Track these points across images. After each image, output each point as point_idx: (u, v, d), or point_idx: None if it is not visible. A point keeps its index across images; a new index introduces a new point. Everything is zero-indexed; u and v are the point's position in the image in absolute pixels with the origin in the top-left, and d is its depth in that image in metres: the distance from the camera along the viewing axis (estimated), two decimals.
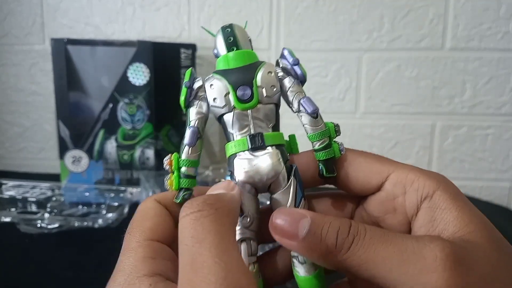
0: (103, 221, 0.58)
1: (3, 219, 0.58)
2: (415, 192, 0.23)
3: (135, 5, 0.78)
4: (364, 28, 0.75)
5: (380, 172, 0.24)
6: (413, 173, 0.23)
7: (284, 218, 0.22)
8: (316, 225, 0.21)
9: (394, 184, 0.24)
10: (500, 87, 0.76)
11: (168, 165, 0.25)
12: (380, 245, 0.19)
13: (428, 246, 0.19)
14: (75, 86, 0.67)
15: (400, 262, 0.19)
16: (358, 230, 0.20)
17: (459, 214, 0.21)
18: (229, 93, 0.24)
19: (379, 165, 0.24)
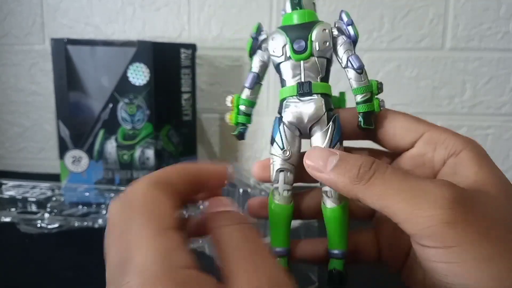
0: (103, 221, 0.58)
1: (3, 219, 0.58)
2: (444, 149, 0.26)
3: (135, 5, 0.78)
4: (364, 28, 0.75)
5: (416, 130, 0.27)
6: (445, 134, 0.26)
7: (317, 153, 0.25)
8: (343, 160, 0.24)
9: (427, 141, 0.26)
10: (500, 87, 0.76)
11: (230, 103, 0.29)
12: (397, 180, 0.22)
13: (439, 187, 0.21)
14: (75, 86, 0.67)
15: (412, 195, 0.21)
16: (380, 166, 0.23)
17: (479, 170, 0.24)
18: (287, 45, 0.28)
19: (416, 124, 0.27)
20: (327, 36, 0.28)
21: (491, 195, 0.23)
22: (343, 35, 0.28)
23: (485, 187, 0.23)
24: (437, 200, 0.20)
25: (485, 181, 0.23)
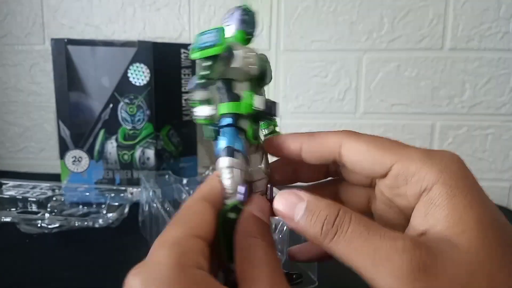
0: (103, 221, 0.58)
1: (3, 219, 0.58)
2: (415, 183, 0.24)
3: (136, 5, 0.78)
4: (364, 28, 0.75)
5: (382, 162, 0.25)
6: (414, 165, 0.24)
7: (285, 199, 0.24)
8: (308, 211, 0.23)
9: (396, 175, 0.25)
10: (500, 87, 0.76)
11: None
12: (358, 242, 0.21)
13: (398, 253, 0.20)
14: (76, 86, 0.67)
15: (373, 262, 0.21)
16: (342, 222, 0.22)
17: (450, 213, 0.22)
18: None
19: (381, 155, 0.25)
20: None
21: (463, 249, 0.21)
22: None
23: (457, 236, 0.21)
24: (397, 268, 0.20)
25: (458, 228, 0.21)
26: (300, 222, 0.23)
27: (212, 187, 0.26)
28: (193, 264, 0.20)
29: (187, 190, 0.61)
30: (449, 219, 0.22)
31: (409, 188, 0.24)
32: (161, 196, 0.53)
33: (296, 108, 0.77)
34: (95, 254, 0.52)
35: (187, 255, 0.21)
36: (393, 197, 0.26)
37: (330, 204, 0.23)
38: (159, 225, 0.49)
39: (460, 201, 0.22)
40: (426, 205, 0.23)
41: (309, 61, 0.77)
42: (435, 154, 0.24)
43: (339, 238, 0.22)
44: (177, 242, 0.22)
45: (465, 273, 0.20)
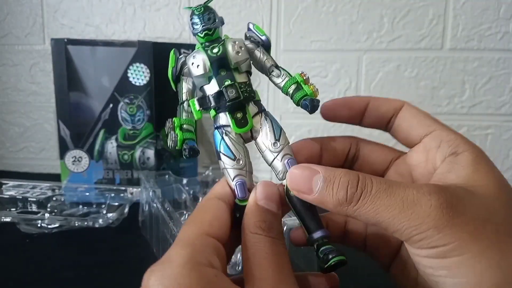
0: (103, 221, 0.58)
1: (3, 219, 0.58)
2: (447, 147, 0.26)
3: (136, 5, 0.78)
4: (364, 28, 0.76)
5: (428, 126, 0.28)
6: (453, 135, 0.27)
7: (299, 175, 0.24)
8: (328, 181, 0.23)
9: (433, 138, 0.27)
10: (500, 87, 0.76)
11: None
12: (385, 197, 0.22)
13: (425, 196, 0.22)
14: (76, 86, 0.67)
15: (401, 209, 0.22)
16: (365, 184, 0.23)
17: (473, 172, 0.24)
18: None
19: (430, 121, 0.29)
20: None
21: (481, 195, 0.23)
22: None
23: (475, 188, 0.23)
24: (425, 209, 0.22)
25: (477, 182, 0.24)
26: (319, 194, 0.23)
27: (223, 185, 0.27)
28: (205, 263, 0.21)
29: (187, 190, 0.61)
30: (470, 176, 0.24)
31: (439, 151, 0.27)
32: (161, 196, 0.53)
33: (296, 108, 0.77)
34: (95, 254, 0.52)
35: (199, 254, 0.21)
36: (417, 164, 0.28)
37: (347, 171, 0.23)
38: (159, 225, 0.49)
39: (483, 167, 0.24)
40: (451, 165, 0.25)
41: (309, 61, 0.77)
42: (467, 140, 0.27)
43: (364, 199, 0.22)
44: (191, 241, 0.22)
45: (485, 211, 0.22)
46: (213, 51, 0.28)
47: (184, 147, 0.28)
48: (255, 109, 0.28)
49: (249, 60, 0.29)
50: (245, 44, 0.29)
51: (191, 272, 0.20)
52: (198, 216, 0.25)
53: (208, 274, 0.20)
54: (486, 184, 0.24)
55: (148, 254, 0.51)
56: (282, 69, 0.30)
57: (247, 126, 0.28)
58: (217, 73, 0.28)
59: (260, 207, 0.25)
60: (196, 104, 0.28)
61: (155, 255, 0.51)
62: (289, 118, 0.77)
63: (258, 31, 0.29)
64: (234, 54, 0.28)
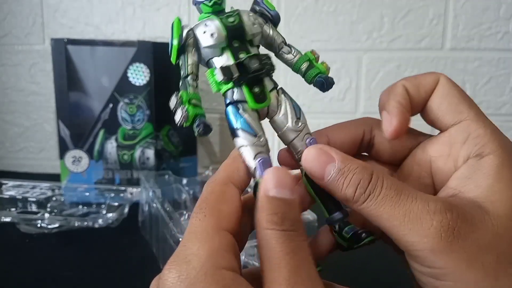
0: (103, 221, 0.58)
1: (3, 219, 0.58)
2: (473, 146, 0.24)
3: (135, 5, 0.78)
4: (364, 28, 0.75)
5: (459, 112, 0.26)
6: (482, 129, 0.24)
7: (314, 157, 0.24)
8: (341, 174, 0.23)
9: (461, 130, 0.25)
10: (500, 87, 0.76)
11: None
12: (390, 205, 0.22)
13: (429, 215, 0.21)
14: (75, 86, 0.67)
15: (402, 222, 0.21)
16: (375, 187, 0.22)
17: (493, 182, 0.23)
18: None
19: (463, 106, 0.26)
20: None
21: (495, 214, 0.22)
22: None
23: (493, 204, 0.22)
24: (424, 229, 0.21)
25: (496, 195, 0.22)
26: (331, 183, 0.23)
27: (237, 168, 0.25)
28: (223, 265, 0.20)
29: (187, 190, 0.61)
30: (490, 188, 0.22)
31: (464, 148, 0.24)
32: (161, 196, 0.53)
33: None
34: (95, 254, 0.52)
35: (218, 254, 0.20)
36: (438, 156, 0.26)
37: (362, 167, 0.23)
38: (159, 225, 0.49)
39: (507, 174, 0.23)
40: (472, 170, 0.24)
41: None
42: (501, 132, 0.25)
43: (370, 202, 0.22)
44: (209, 237, 0.21)
45: (491, 236, 0.21)
46: (229, 20, 0.26)
47: (198, 123, 0.25)
48: (271, 84, 0.27)
49: (261, 34, 0.27)
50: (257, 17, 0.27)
51: (207, 277, 0.19)
52: (215, 205, 0.22)
53: (225, 278, 0.19)
54: (505, 199, 0.22)
55: (148, 254, 0.51)
56: (292, 46, 0.28)
57: (266, 101, 0.26)
58: (230, 45, 0.26)
59: (271, 198, 0.22)
60: (218, 74, 0.25)
61: (155, 255, 0.51)
62: None
63: (267, 5, 0.28)
64: (251, 26, 0.26)
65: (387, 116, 0.27)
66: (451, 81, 0.27)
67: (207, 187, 0.24)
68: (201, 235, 0.21)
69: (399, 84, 0.28)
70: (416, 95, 0.27)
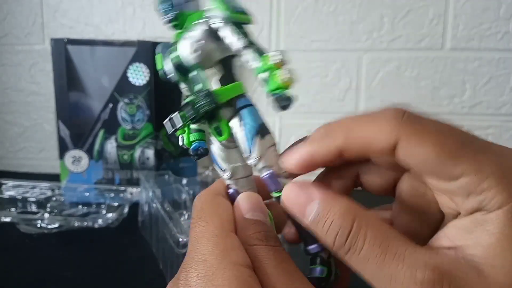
0: (103, 221, 0.58)
1: (3, 219, 0.58)
2: (478, 202, 0.20)
3: (135, 5, 0.78)
4: (364, 28, 0.75)
5: (451, 172, 0.21)
6: (487, 182, 0.20)
7: (294, 197, 0.22)
8: (321, 216, 0.21)
9: (461, 187, 0.21)
10: (500, 87, 0.76)
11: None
12: (374, 263, 0.20)
13: (416, 285, 0.19)
14: (75, 86, 0.67)
15: (386, 287, 0.19)
16: (356, 240, 0.20)
17: (497, 243, 0.20)
18: None
19: (453, 164, 0.20)
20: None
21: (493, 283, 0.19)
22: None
23: (491, 269, 0.19)
24: None
25: (497, 259, 0.19)
26: (311, 224, 0.21)
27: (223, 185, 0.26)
28: (240, 262, 0.20)
29: (186, 190, 0.61)
30: (492, 249, 0.20)
31: (468, 203, 0.21)
32: (161, 196, 0.53)
33: (296, 108, 0.77)
34: (95, 254, 0.52)
35: (233, 252, 0.21)
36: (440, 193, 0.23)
37: (344, 212, 0.21)
38: (159, 225, 0.49)
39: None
40: (475, 225, 0.20)
41: (309, 61, 0.77)
42: (508, 171, 0.20)
43: (352, 255, 0.20)
44: (219, 238, 0.21)
45: None
46: (171, 56, 0.25)
47: (192, 154, 0.25)
48: (229, 112, 0.24)
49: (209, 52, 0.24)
50: (209, 27, 0.24)
51: (226, 271, 0.20)
52: (213, 212, 0.23)
53: (243, 274, 0.20)
54: (507, 266, 0.19)
55: (148, 254, 0.51)
56: (254, 49, 0.23)
57: (223, 136, 0.24)
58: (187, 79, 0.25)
59: (249, 220, 0.23)
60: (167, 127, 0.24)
61: (155, 255, 0.51)
62: (289, 118, 0.77)
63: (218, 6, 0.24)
64: (191, 55, 0.24)
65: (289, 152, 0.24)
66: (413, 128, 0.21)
67: (199, 199, 0.24)
68: (212, 237, 0.21)
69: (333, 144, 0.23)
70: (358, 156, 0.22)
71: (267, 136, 0.24)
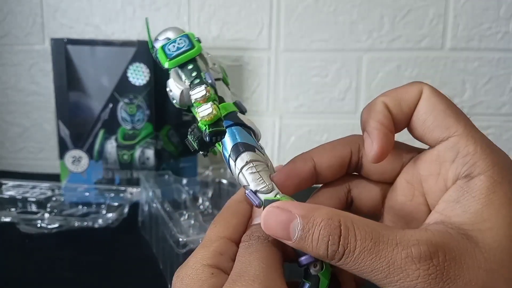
0: (103, 221, 0.58)
1: (3, 219, 0.58)
2: (462, 165, 0.22)
3: (135, 5, 0.78)
4: (364, 28, 0.75)
5: (448, 127, 0.23)
6: (474, 146, 0.22)
7: (274, 219, 0.22)
8: (306, 231, 0.21)
9: (449, 148, 0.23)
10: (500, 87, 0.76)
11: (208, 92, 0.23)
12: (369, 258, 0.20)
13: (414, 264, 0.19)
14: (75, 86, 0.67)
15: (387, 275, 0.20)
16: (348, 241, 0.20)
17: (483, 208, 0.21)
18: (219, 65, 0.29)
19: (452, 121, 0.23)
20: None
21: (486, 245, 0.20)
22: None
23: (482, 232, 0.20)
24: (412, 279, 0.20)
25: (486, 223, 0.20)
26: (299, 242, 0.21)
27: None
28: (211, 263, 0.22)
29: (187, 190, 0.61)
30: (479, 214, 0.21)
31: (453, 167, 0.23)
32: (161, 196, 0.53)
33: (296, 108, 0.77)
34: (95, 254, 0.52)
35: (209, 255, 0.23)
36: (428, 175, 0.24)
37: (328, 219, 0.21)
38: (159, 225, 0.49)
39: (498, 198, 0.21)
40: (461, 192, 0.22)
41: (309, 61, 0.77)
42: (495, 146, 0.23)
43: (347, 258, 0.20)
44: (210, 243, 0.24)
45: (484, 273, 0.20)
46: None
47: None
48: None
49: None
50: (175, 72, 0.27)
51: (188, 269, 0.22)
52: (226, 218, 0.26)
53: (204, 271, 0.22)
54: (496, 228, 0.20)
55: (148, 254, 0.51)
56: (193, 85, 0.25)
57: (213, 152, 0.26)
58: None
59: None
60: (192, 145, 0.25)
61: (155, 255, 0.51)
62: (289, 118, 0.77)
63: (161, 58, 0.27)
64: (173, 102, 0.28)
65: (368, 139, 0.24)
66: (436, 92, 0.25)
67: (226, 203, 0.27)
68: (204, 241, 0.24)
69: (378, 100, 0.26)
70: (398, 111, 0.25)
71: (238, 158, 0.24)
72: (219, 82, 0.27)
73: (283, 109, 0.78)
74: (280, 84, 0.77)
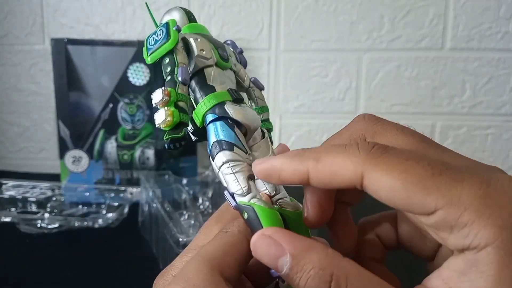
0: (103, 221, 0.58)
1: (3, 219, 0.58)
2: (464, 238, 0.18)
3: (135, 5, 0.78)
4: (364, 28, 0.75)
5: (423, 204, 0.18)
6: (467, 215, 0.18)
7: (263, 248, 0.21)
8: (294, 272, 0.19)
9: (440, 221, 0.19)
10: (500, 87, 0.76)
11: (167, 96, 0.22)
12: None
13: None
14: (75, 86, 0.67)
15: None
16: (339, 283, 0.18)
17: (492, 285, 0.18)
18: (212, 50, 0.25)
19: (423, 195, 0.18)
20: (234, 56, 0.27)
21: None
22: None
23: None
24: None
25: None
26: (286, 278, 0.20)
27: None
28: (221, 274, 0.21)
29: (187, 190, 0.61)
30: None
31: (453, 238, 0.19)
32: (161, 196, 0.53)
33: (296, 108, 0.77)
34: (95, 254, 0.52)
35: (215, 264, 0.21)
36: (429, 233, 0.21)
37: (319, 269, 0.19)
38: (159, 225, 0.49)
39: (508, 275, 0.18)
40: (468, 265, 0.18)
41: (309, 61, 0.77)
42: (493, 197, 0.18)
43: None
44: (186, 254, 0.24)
45: None
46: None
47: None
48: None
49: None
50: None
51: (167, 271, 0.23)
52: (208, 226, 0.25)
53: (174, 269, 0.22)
54: None
55: (148, 254, 0.51)
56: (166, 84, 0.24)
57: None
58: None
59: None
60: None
61: (155, 255, 0.51)
62: (289, 118, 0.77)
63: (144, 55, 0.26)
64: None
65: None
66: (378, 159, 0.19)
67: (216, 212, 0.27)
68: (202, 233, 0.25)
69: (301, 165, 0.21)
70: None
71: (215, 158, 0.24)
72: (210, 68, 0.25)
73: (283, 109, 0.78)
74: (280, 84, 0.77)
